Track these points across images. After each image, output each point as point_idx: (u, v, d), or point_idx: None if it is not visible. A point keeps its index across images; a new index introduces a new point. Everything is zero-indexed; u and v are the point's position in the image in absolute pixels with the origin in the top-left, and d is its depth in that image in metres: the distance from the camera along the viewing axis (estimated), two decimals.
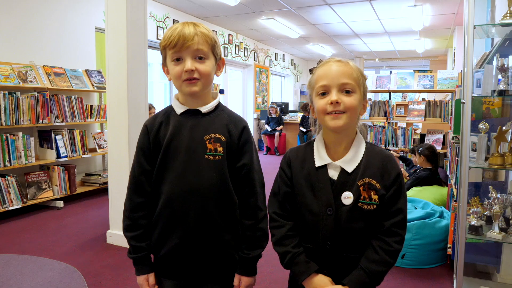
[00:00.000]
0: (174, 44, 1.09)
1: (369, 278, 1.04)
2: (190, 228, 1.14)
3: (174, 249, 1.16)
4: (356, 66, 1.08)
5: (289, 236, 1.11)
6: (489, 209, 2.08)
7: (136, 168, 1.18)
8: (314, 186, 1.08)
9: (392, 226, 1.06)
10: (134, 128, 2.96)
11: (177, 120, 1.17)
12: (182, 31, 1.09)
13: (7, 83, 3.67)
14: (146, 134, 1.19)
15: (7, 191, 3.63)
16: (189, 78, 1.10)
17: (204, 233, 1.15)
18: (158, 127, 1.18)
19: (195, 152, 1.14)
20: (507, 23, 1.96)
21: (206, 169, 1.13)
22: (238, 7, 6.17)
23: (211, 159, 1.13)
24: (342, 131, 1.07)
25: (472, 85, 2.03)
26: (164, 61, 1.17)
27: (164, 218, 1.16)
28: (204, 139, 1.14)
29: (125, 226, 1.19)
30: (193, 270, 1.18)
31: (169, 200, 1.14)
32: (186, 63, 1.09)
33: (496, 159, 1.97)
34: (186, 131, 1.15)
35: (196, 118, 1.17)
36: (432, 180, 3.72)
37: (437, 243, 2.68)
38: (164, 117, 1.19)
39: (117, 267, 2.64)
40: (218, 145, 1.14)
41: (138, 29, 2.98)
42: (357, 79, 1.06)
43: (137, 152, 1.19)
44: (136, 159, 1.19)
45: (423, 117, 4.81)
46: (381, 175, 1.06)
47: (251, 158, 1.18)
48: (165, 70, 1.19)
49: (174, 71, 1.12)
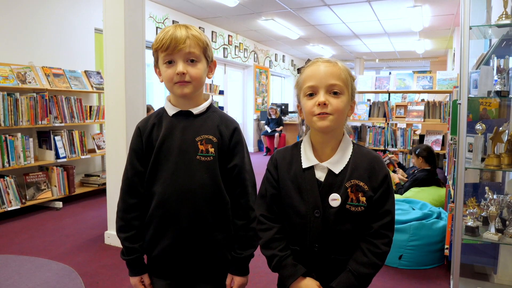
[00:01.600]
0: (167, 47, 1.10)
1: (357, 280, 1.03)
2: (183, 229, 1.15)
3: (167, 250, 1.16)
4: (344, 67, 1.06)
5: (276, 239, 1.10)
6: (485, 210, 2.08)
7: (129, 169, 1.19)
8: (301, 188, 1.07)
9: (380, 228, 1.05)
10: (132, 129, 2.90)
11: (169, 121, 1.18)
12: (174, 34, 1.09)
13: (6, 84, 3.68)
14: (139, 135, 1.20)
15: (6, 191, 3.64)
16: (180, 81, 1.11)
17: (197, 233, 1.15)
18: (151, 129, 1.19)
19: (187, 153, 1.14)
20: (503, 24, 1.96)
21: (198, 170, 1.14)
22: (237, 8, 6.18)
23: (202, 160, 1.14)
24: (329, 132, 1.06)
25: (468, 86, 2.03)
26: (156, 63, 1.18)
27: (157, 219, 1.16)
28: (196, 140, 1.15)
29: (118, 227, 1.20)
30: (185, 270, 1.19)
31: (162, 201, 1.15)
32: (178, 66, 1.11)
33: (492, 160, 1.97)
34: (178, 132, 1.16)
35: (188, 119, 1.18)
36: (430, 181, 3.72)
37: (434, 244, 2.68)
38: (156, 119, 1.20)
39: (115, 267, 2.64)
40: (209, 146, 1.15)
41: (136, 30, 2.98)
42: (345, 80, 1.04)
43: (130, 154, 1.20)
44: (129, 160, 1.20)
45: (422, 118, 4.81)
46: (368, 177, 1.05)
47: (243, 159, 1.20)
48: (157, 71, 1.20)
49: (166, 73, 1.13)
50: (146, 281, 1.21)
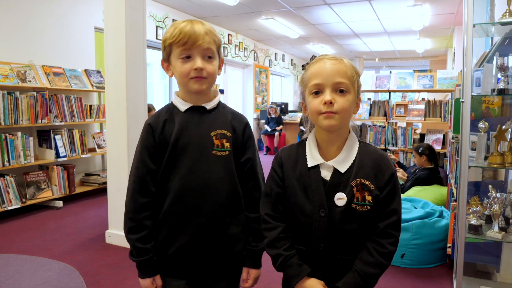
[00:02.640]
0: (185, 41, 1.09)
1: (363, 281, 1.02)
2: (202, 224, 1.14)
3: (185, 247, 1.14)
4: (350, 64, 1.05)
5: (281, 238, 1.08)
6: (488, 208, 2.08)
7: (141, 167, 1.15)
8: (307, 187, 1.05)
9: (387, 228, 1.03)
10: (133, 128, 2.96)
11: (182, 117, 1.16)
12: (192, 29, 1.09)
13: (6, 83, 3.66)
14: (150, 132, 1.16)
15: (6, 191, 3.62)
16: (197, 76, 1.11)
17: (216, 228, 1.15)
18: (163, 125, 1.16)
19: (204, 148, 1.14)
20: (506, 21, 1.95)
21: (214, 164, 1.15)
22: (237, 7, 6.16)
23: (218, 155, 1.15)
24: (335, 131, 1.05)
25: (471, 84, 2.02)
26: (167, 57, 1.15)
27: (174, 216, 1.14)
28: (211, 135, 1.15)
29: (128, 229, 1.15)
30: (203, 267, 1.17)
31: (179, 197, 1.13)
32: (196, 61, 1.10)
33: (495, 158, 1.97)
34: (193, 127, 1.15)
35: (202, 114, 1.17)
36: (432, 179, 3.71)
37: (436, 243, 2.67)
38: (167, 115, 1.17)
39: (116, 266, 2.63)
40: (224, 141, 1.16)
41: (137, 29, 2.97)
42: (351, 78, 1.03)
43: (141, 152, 1.16)
44: (140, 158, 1.16)
45: (423, 117, 4.80)
46: (374, 175, 1.04)
47: (254, 153, 1.23)
48: (165, 66, 1.18)
49: (183, 68, 1.11)
50: (158, 282, 1.17)
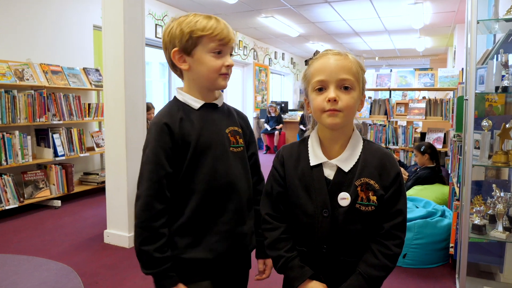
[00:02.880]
0: (223, 37, 1.07)
1: (367, 283, 0.98)
2: (227, 222, 1.12)
3: (213, 247, 1.10)
4: (355, 59, 1.01)
5: (283, 239, 1.05)
6: (492, 208, 2.04)
7: (157, 170, 1.05)
8: (309, 186, 1.02)
9: (392, 229, 1.00)
10: (132, 127, 2.93)
11: (198, 114, 1.12)
12: (226, 26, 1.10)
13: (4, 81, 3.62)
14: (167, 133, 1.06)
15: (3, 190, 3.59)
16: (226, 73, 1.12)
17: (239, 225, 1.15)
18: (180, 124, 1.09)
19: (223, 146, 1.13)
20: (511, 18, 1.92)
21: (233, 161, 1.14)
22: (237, 5, 6.13)
23: (235, 151, 1.15)
24: (339, 129, 1.01)
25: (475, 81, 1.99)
26: (191, 49, 1.08)
27: (200, 218, 1.09)
28: (226, 132, 1.15)
29: (142, 240, 1.04)
30: (228, 264, 1.15)
31: (206, 198, 1.09)
32: (227, 59, 1.11)
33: (500, 157, 1.94)
34: (210, 125, 1.12)
35: (215, 112, 1.16)
36: (434, 178, 3.68)
37: (438, 243, 2.64)
38: (182, 113, 1.10)
39: (114, 266, 2.60)
40: (238, 137, 1.17)
41: (136, 27, 2.94)
42: (356, 74, 0.99)
43: (157, 154, 1.06)
44: (156, 161, 1.05)
45: (423, 115, 4.77)
46: (379, 175, 1.00)
47: (256, 148, 1.27)
48: (178, 57, 1.09)
49: (215, 63, 1.08)
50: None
